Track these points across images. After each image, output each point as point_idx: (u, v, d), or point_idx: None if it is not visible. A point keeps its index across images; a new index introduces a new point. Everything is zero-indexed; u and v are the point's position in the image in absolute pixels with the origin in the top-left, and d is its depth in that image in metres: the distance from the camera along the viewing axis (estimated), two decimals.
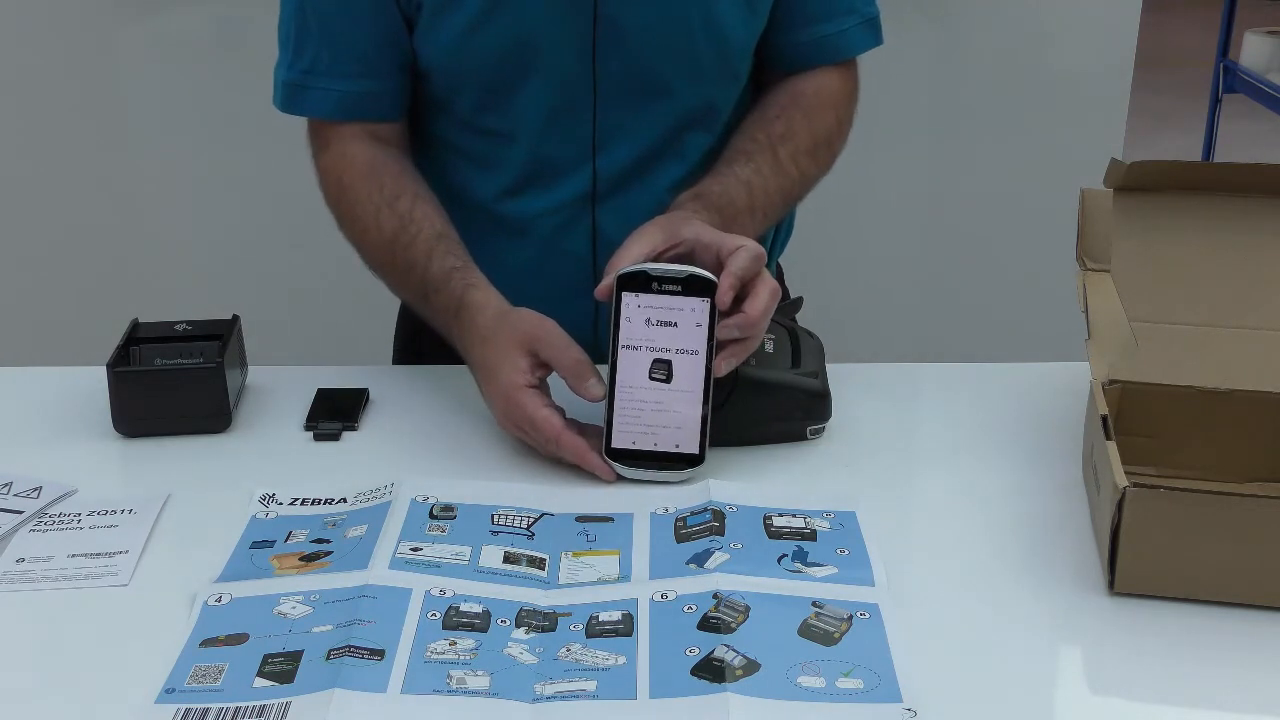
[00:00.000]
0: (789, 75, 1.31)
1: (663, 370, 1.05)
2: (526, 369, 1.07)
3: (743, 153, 1.25)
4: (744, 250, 1.05)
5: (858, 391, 1.18)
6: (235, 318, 1.21)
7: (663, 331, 1.05)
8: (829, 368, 1.15)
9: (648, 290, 1.05)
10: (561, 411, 1.07)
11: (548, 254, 1.29)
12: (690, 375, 1.05)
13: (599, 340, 1.10)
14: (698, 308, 1.04)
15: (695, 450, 1.05)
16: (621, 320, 1.05)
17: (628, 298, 1.05)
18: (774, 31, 1.28)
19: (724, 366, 1.05)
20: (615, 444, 1.06)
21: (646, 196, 1.25)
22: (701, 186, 1.20)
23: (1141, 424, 1.03)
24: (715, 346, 1.04)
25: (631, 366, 1.05)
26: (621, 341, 1.05)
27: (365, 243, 1.23)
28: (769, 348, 1.13)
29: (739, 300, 1.05)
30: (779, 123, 1.27)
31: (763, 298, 1.05)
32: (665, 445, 1.05)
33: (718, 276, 1.04)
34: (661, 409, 1.05)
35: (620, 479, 1.06)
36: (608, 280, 1.06)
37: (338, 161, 1.25)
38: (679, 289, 1.04)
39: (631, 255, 1.07)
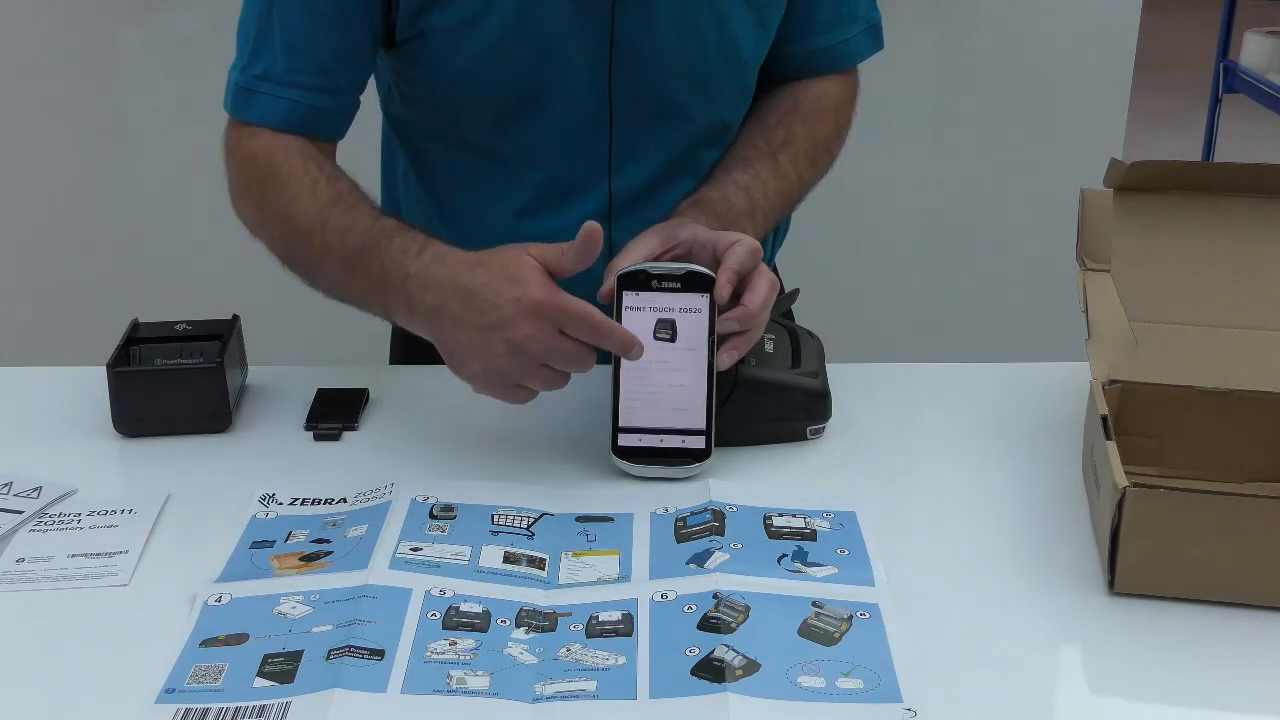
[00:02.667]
0: (789, 80, 1.31)
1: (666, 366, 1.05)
2: (542, 269, 1.01)
3: (742, 159, 1.25)
4: (740, 245, 1.06)
5: (858, 391, 1.18)
6: (235, 318, 1.21)
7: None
8: (829, 368, 1.15)
9: (648, 288, 1.05)
10: None
11: None
12: (693, 371, 1.05)
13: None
14: (697, 303, 1.05)
15: (702, 445, 1.05)
16: (623, 319, 1.05)
17: (629, 297, 1.05)
18: (780, 43, 1.27)
19: (726, 360, 1.05)
20: (622, 442, 1.06)
21: (661, 210, 1.23)
22: (700, 194, 1.20)
23: (1141, 424, 1.03)
24: (716, 341, 1.05)
25: (634, 364, 1.05)
26: None
27: (292, 211, 1.14)
28: (769, 348, 1.13)
29: (738, 294, 1.05)
30: (779, 130, 1.27)
31: (761, 290, 1.06)
32: (672, 441, 1.06)
33: (715, 274, 1.05)
34: (666, 405, 1.05)
35: (625, 475, 1.06)
36: (609, 282, 1.06)
37: (267, 148, 1.18)
38: (678, 286, 1.05)
39: (630, 259, 1.07)
